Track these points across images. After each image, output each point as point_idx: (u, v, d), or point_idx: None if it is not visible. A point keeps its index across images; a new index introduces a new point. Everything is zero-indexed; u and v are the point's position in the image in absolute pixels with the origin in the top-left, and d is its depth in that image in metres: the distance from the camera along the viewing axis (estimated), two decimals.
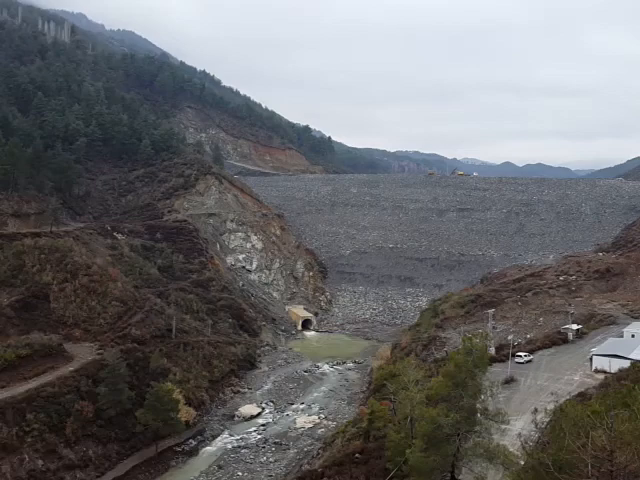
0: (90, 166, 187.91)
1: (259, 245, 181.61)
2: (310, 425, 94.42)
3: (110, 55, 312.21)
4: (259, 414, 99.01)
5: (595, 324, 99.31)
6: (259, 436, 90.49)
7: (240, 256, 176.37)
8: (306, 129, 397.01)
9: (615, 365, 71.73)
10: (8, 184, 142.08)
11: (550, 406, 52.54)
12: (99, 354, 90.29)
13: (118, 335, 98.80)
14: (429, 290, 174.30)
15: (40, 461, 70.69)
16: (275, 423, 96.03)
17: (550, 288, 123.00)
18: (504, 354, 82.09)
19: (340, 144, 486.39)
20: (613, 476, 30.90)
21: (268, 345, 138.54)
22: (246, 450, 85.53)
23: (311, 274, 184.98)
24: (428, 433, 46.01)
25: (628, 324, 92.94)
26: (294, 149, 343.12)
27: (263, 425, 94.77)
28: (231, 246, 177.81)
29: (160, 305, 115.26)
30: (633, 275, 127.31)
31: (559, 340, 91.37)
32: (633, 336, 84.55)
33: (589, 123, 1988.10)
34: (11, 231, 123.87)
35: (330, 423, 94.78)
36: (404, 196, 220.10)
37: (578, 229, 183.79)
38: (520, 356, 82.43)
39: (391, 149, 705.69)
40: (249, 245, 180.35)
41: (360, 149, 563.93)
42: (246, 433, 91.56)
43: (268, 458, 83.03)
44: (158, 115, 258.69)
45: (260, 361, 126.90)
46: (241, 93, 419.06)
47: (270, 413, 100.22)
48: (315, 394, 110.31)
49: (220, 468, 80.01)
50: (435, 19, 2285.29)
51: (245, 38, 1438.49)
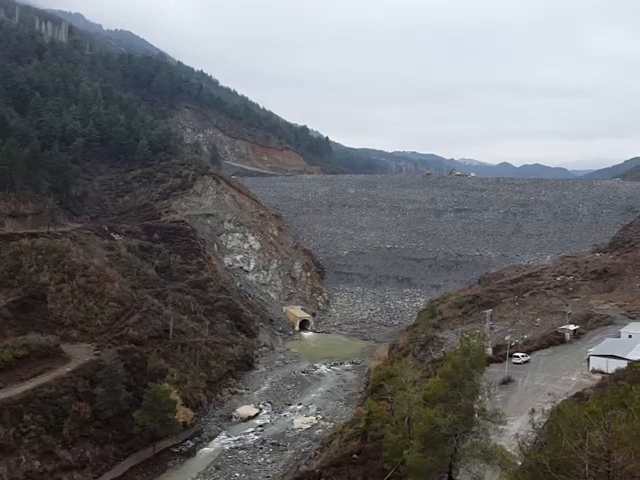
0: (87, 166, 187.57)
1: (257, 246, 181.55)
2: (308, 426, 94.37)
3: (107, 55, 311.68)
4: (256, 415, 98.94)
5: (592, 324, 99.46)
6: (257, 437, 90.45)
7: (238, 257, 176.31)
8: (304, 129, 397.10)
9: (612, 365, 71.83)
10: (5, 184, 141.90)
11: (547, 406, 52.67)
12: (96, 355, 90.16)
13: (115, 336, 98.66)
14: (426, 291, 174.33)
15: (37, 462, 70.58)
16: (273, 424, 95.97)
17: (547, 289, 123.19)
18: (501, 355, 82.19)
19: (338, 144, 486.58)
20: (610, 476, 30.93)
21: (265, 346, 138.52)
22: (244, 451, 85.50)
23: (309, 275, 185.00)
24: (425, 433, 46.03)
25: (625, 324, 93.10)
26: (292, 149, 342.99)
27: (261, 426, 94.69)
28: (228, 247, 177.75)
29: (157, 306, 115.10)
30: (630, 276, 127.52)
31: (556, 340, 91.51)
32: (630, 336, 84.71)
33: (589, 123, 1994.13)
34: (8, 231, 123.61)
35: (328, 424, 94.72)
36: (401, 196, 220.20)
37: (575, 230, 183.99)
38: (517, 356, 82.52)
39: (389, 149, 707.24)
40: (247, 246, 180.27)
41: (358, 149, 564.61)
42: (244, 434, 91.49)
43: (266, 459, 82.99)
44: (155, 115, 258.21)
45: (257, 362, 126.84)
46: (239, 93, 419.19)
47: (267, 414, 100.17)
48: (313, 395, 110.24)
49: (218, 469, 79.93)
50: (435, 19, 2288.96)
51: (245, 38, 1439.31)
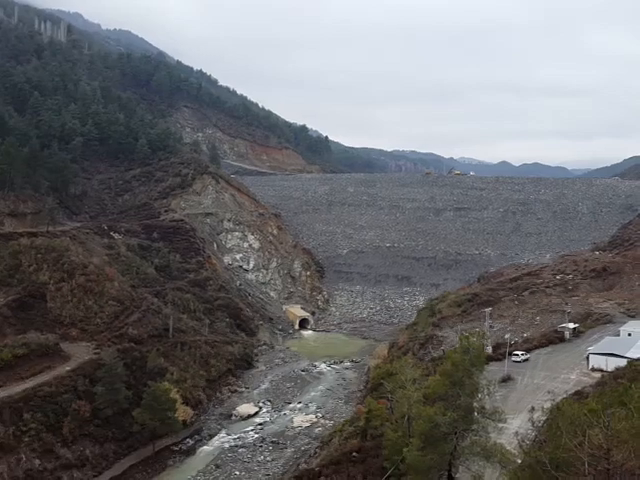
0: (86, 165, 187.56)
1: (256, 245, 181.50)
2: (307, 424, 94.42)
3: (106, 54, 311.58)
4: (256, 413, 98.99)
5: (592, 323, 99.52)
6: (256, 435, 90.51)
7: (237, 255, 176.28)
8: (303, 129, 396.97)
9: (612, 364, 71.95)
10: (4, 184, 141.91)
11: (547, 405, 52.81)
12: (96, 354, 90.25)
13: (115, 335, 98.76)
14: (426, 289, 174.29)
15: (37, 461, 70.72)
16: (272, 422, 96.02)
17: (547, 287, 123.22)
18: (501, 353, 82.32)
19: (337, 144, 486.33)
20: (610, 474, 31.01)
21: (265, 344, 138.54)
22: (243, 449, 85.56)
23: (308, 273, 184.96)
24: (425, 432, 46.11)
25: (624, 323, 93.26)
26: (291, 149, 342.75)
27: (260, 424, 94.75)
28: (228, 246, 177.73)
29: (157, 305, 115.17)
30: (629, 274, 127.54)
31: (556, 339, 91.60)
32: (630, 335, 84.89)
33: (588, 123, 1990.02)
34: (7, 231, 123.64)
35: (327, 422, 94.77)
36: (401, 195, 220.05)
37: (575, 228, 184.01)
38: (517, 355, 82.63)
39: (388, 148, 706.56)
40: (246, 245, 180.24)
41: (357, 148, 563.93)
42: (243, 432, 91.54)
43: (265, 457, 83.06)
44: (155, 114, 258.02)
45: (257, 360, 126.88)
46: (238, 93, 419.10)
47: (267, 412, 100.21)
48: (312, 393, 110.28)
49: (217, 467, 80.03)
50: (435, 19, 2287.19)
51: (244, 38, 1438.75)
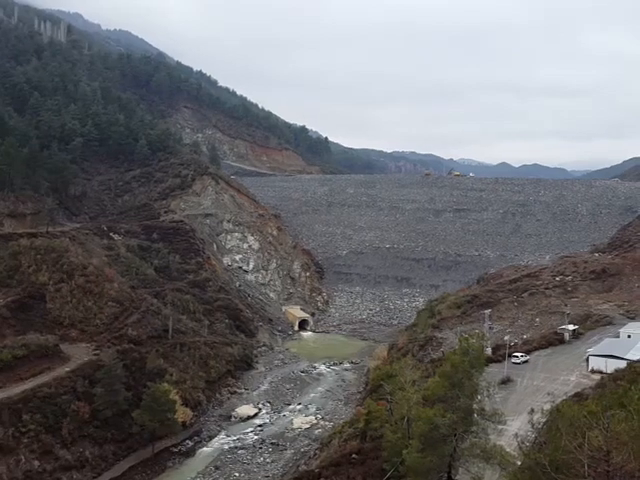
0: (86, 166, 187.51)
1: (256, 245, 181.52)
2: (307, 426, 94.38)
3: (106, 55, 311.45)
4: (256, 415, 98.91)
5: (591, 324, 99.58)
6: (256, 437, 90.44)
7: (237, 256, 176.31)
8: (303, 129, 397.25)
9: (611, 365, 71.92)
10: (4, 184, 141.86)
11: (547, 406, 52.73)
12: (95, 355, 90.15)
13: (114, 336, 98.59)
14: (426, 290, 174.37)
15: (36, 462, 70.56)
16: (272, 424, 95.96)
17: (546, 289, 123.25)
18: (500, 354, 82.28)
19: (337, 144, 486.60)
20: (610, 476, 30.97)
21: (265, 346, 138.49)
22: (243, 451, 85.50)
23: (308, 274, 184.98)
24: (425, 433, 46.06)
25: (624, 324, 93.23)
26: (291, 149, 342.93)
27: (260, 426, 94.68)
28: (228, 246, 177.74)
29: (156, 306, 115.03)
30: (629, 276, 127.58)
31: (555, 340, 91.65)
32: (629, 336, 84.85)
33: (588, 123, 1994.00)
34: (7, 231, 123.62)
35: (327, 423, 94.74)
36: (401, 196, 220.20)
37: (574, 230, 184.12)
38: (517, 356, 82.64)
39: (388, 149, 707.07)
40: (246, 245, 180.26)
41: (357, 149, 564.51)
42: (243, 434, 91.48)
43: (265, 459, 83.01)
44: (154, 115, 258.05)
45: (257, 362, 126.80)
46: (238, 93, 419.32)
47: (267, 414, 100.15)
48: (312, 394, 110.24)
49: (217, 469, 79.94)
50: (435, 19, 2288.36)
51: (244, 38, 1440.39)
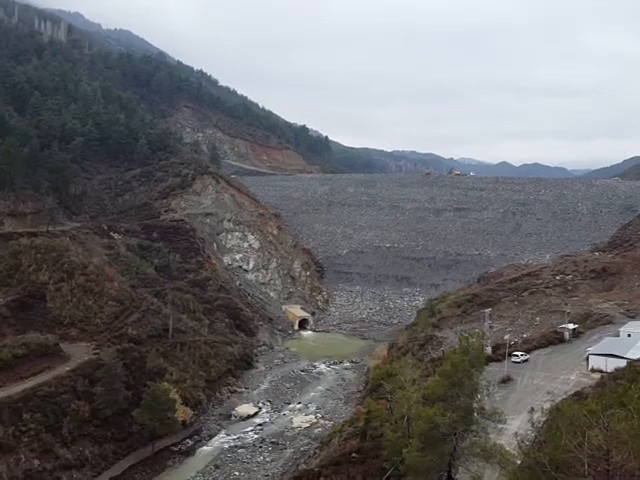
0: (87, 166, 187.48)
1: (256, 245, 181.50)
2: (307, 424, 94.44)
3: (107, 54, 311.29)
4: (256, 414, 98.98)
5: (591, 323, 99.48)
6: (256, 436, 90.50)
7: (237, 256, 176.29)
8: (303, 129, 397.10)
9: (611, 364, 71.88)
10: (4, 183, 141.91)
11: (547, 405, 52.72)
12: (95, 354, 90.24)
13: (114, 335, 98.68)
14: (426, 290, 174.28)
15: (36, 461, 70.64)
16: (272, 423, 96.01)
17: (546, 287, 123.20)
18: (500, 353, 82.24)
19: (337, 144, 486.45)
20: (609, 475, 30.97)
21: (265, 345, 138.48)
22: (243, 450, 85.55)
23: (308, 274, 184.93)
24: (425, 432, 46.05)
25: (624, 323, 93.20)
26: (291, 149, 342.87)
27: (260, 425, 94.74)
28: (228, 246, 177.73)
29: (157, 305, 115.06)
30: (629, 275, 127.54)
31: (555, 339, 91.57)
32: (629, 335, 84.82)
33: (588, 123, 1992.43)
34: (7, 230, 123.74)
35: (327, 422, 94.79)
36: (401, 196, 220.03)
37: (574, 229, 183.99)
38: (517, 355, 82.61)
39: (388, 149, 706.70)
40: (246, 245, 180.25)
41: (357, 149, 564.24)
42: (243, 433, 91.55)
43: (265, 458, 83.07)
44: (155, 115, 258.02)
45: (257, 361, 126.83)
46: (238, 93, 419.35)
47: (267, 413, 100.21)
48: (312, 394, 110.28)
49: (217, 468, 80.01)
50: (435, 19, 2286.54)
51: (244, 38, 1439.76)
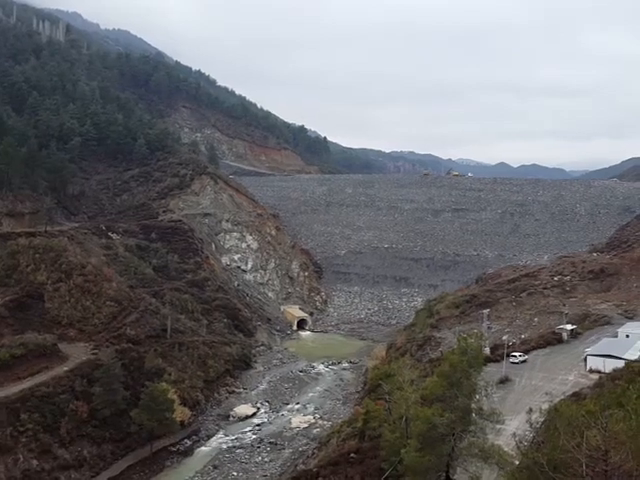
0: (85, 166, 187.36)
1: (254, 245, 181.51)
2: (305, 425, 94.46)
3: (105, 54, 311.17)
4: (254, 414, 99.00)
5: (589, 324, 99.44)
6: (254, 436, 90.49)
7: (235, 256, 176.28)
8: (302, 129, 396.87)
9: (609, 365, 71.81)
10: (2, 183, 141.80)
11: (545, 406, 52.69)
12: (94, 354, 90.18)
13: (113, 335, 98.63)
14: (424, 290, 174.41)
15: (34, 461, 70.59)
16: (270, 423, 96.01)
17: (545, 288, 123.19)
18: (499, 354, 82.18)
19: (335, 144, 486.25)
20: (608, 476, 30.96)
21: (263, 345, 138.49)
22: (241, 450, 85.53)
23: (306, 274, 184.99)
24: (423, 433, 46.07)
25: (622, 324, 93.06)
26: (289, 149, 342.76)
27: (258, 425, 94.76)
28: (226, 246, 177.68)
29: (155, 305, 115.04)
30: (627, 275, 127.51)
31: (554, 340, 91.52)
32: (627, 336, 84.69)
33: (587, 123, 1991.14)
34: (5, 230, 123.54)
35: (325, 423, 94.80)
36: (399, 196, 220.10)
37: (573, 230, 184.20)
38: (515, 356, 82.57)
39: (387, 149, 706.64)
40: (244, 245, 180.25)
41: (355, 149, 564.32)
42: (241, 433, 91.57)
43: (263, 458, 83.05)
44: (153, 115, 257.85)
45: (255, 361, 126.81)
46: (236, 93, 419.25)
47: (265, 413, 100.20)
48: (310, 394, 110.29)
49: (215, 468, 79.98)
50: (435, 19, 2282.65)
51: (244, 38, 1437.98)
